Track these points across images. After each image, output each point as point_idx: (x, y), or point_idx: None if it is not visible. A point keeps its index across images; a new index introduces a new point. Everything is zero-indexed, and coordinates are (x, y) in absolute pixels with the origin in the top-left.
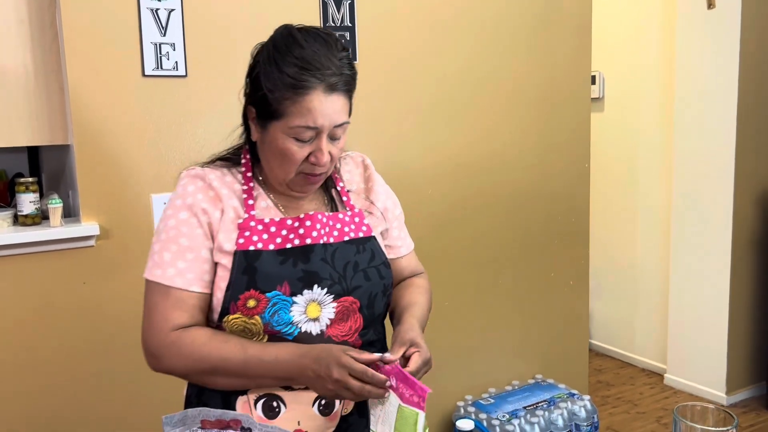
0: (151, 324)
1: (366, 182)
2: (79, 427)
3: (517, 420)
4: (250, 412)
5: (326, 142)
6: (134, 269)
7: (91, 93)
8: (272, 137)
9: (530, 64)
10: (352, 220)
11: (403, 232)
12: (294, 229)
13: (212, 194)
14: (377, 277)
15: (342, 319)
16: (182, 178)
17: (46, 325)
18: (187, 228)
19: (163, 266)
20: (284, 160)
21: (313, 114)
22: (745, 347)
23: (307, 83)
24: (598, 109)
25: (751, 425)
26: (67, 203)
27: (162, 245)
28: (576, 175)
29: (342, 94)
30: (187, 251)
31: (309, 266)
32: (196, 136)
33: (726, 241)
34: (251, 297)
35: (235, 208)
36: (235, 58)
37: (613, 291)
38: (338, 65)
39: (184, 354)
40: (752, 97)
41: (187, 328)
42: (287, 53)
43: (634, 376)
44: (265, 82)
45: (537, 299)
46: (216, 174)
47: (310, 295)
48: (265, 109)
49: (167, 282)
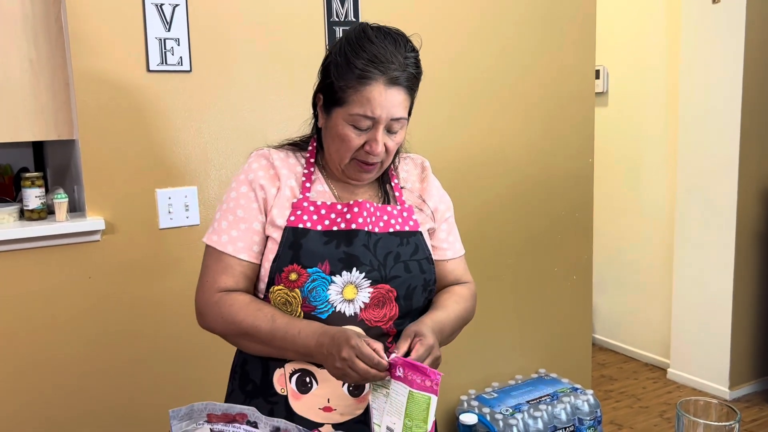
0: (202, 284)
1: (421, 182)
2: (85, 421)
3: (520, 414)
4: (285, 384)
5: (382, 134)
6: (140, 264)
7: (96, 88)
8: (334, 123)
9: (534, 59)
10: (400, 214)
11: (452, 236)
12: (342, 214)
13: (272, 173)
14: (418, 270)
15: (377, 305)
16: (251, 156)
17: (52, 319)
18: (245, 201)
19: (219, 233)
20: (341, 146)
21: (371, 104)
22: (749, 342)
23: (370, 74)
24: (602, 104)
25: (754, 420)
26: (72, 198)
27: (222, 214)
28: (580, 170)
29: (403, 90)
30: (241, 222)
31: (350, 249)
32: (201, 130)
33: (730, 236)
34: (293, 271)
35: (291, 187)
36: (239, 53)
37: (616, 285)
38: (403, 62)
39: (222, 315)
40: (757, 92)
41: (230, 292)
42: (358, 47)
43: (637, 370)
44: (334, 72)
45: (540, 294)
46: (280, 155)
47: (348, 277)
48: (330, 96)
49: (220, 247)
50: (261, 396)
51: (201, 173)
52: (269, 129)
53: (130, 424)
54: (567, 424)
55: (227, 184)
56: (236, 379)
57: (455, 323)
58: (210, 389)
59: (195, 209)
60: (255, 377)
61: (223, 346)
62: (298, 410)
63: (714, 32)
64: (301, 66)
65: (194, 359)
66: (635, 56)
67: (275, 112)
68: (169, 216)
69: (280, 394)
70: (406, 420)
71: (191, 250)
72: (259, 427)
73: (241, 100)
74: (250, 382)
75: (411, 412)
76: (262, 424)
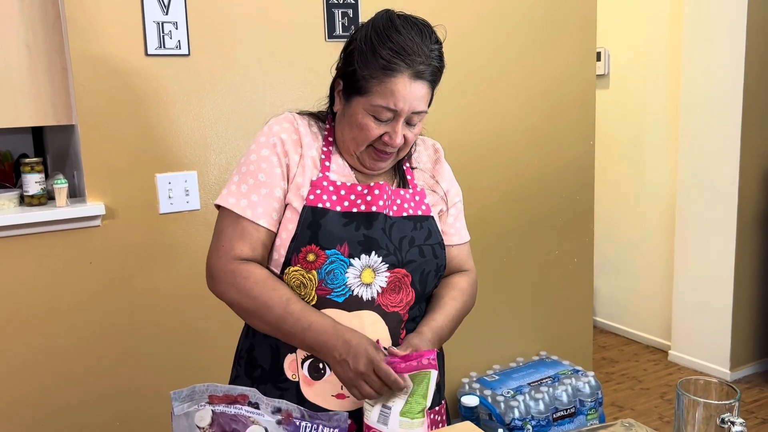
0: (217, 248)
1: (434, 164)
2: (87, 407)
3: (521, 396)
4: (297, 370)
5: (402, 126)
6: (140, 248)
7: (95, 73)
8: (353, 111)
9: (535, 41)
10: (412, 198)
11: (459, 222)
12: (362, 195)
13: (296, 138)
14: (431, 255)
15: (393, 290)
16: (271, 120)
17: (53, 304)
18: (267, 165)
19: (237, 196)
20: (359, 134)
21: (395, 96)
22: (750, 323)
23: (396, 66)
24: (604, 86)
25: (755, 400)
26: (72, 183)
27: (241, 177)
28: (581, 152)
29: (426, 84)
30: (262, 186)
31: (370, 232)
32: (200, 114)
33: (731, 218)
34: (311, 251)
35: (312, 158)
36: (237, 36)
37: (617, 268)
38: (428, 55)
39: (236, 285)
40: (759, 74)
41: (247, 262)
42: (384, 36)
43: (638, 352)
44: (358, 59)
45: (542, 276)
46: (304, 122)
47: (366, 260)
48: (352, 84)
49: (239, 211)
50: (270, 382)
51: (201, 158)
52: (269, 113)
53: (131, 408)
54: (568, 405)
55: (228, 168)
56: (241, 365)
57: (454, 324)
58: (212, 374)
59: (195, 194)
60: (264, 363)
61: (225, 331)
62: (310, 397)
63: (716, 14)
64: (301, 48)
65: (196, 344)
66: (637, 38)
67: (275, 95)
68: (170, 201)
69: (291, 380)
70: (408, 398)
71: (192, 235)
72: (261, 408)
73: (241, 84)
74: (258, 368)
75: (413, 390)
76: (264, 404)
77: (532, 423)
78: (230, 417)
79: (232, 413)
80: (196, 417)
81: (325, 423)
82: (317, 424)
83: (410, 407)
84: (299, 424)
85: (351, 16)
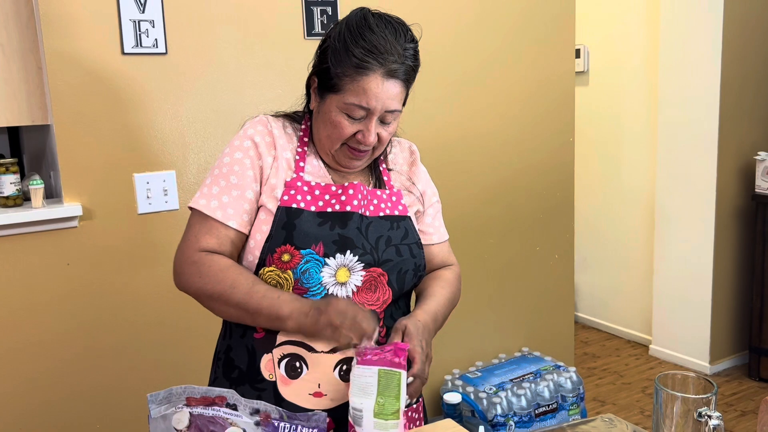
0: (183, 243)
1: (410, 166)
2: (63, 408)
3: (503, 392)
4: (274, 370)
5: (375, 124)
6: (118, 249)
7: (70, 72)
8: (327, 109)
9: (514, 38)
10: (389, 198)
11: (437, 221)
12: (336, 195)
13: (269, 140)
14: (409, 254)
15: (369, 289)
16: (246, 123)
17: (30, 307)
18: (240, 167)
19: (208, 197)
20: (333, 132)
21: (367, 95)
22: (728, 318)
23: (369, 65)
24: (583, 83)
25: (734, 393)
26: (48, 184)
27: (213, 179)
28: (560, 149)
29: (399, 83)
30: (233, 188)
31: (345, 232)
32: (178, 113)
33: (710, 213)
34: (286, 251)
35: (287, 160)
36: (215, 34)
37: (598, 264)
38: (402, 54)
39: (201, 273)
40: (736, 70)
41: (211, 253)
42: (357, 34)
43: (619, 347)
44: (332, 57)
45: (523, 273)
46: (278, 124)
47: (342, 259)
48: (326, 81)
49: (208, 212)
50: (247, 383)
51: (179, 157)
52: (247, 111)
53: (109, 410)
54: (550, 401)
55: (206, 168)
56: (219, 367)
57: (447, 309)
58: (191, 376)
59: (174, 194)
60: (240, 364)
61: (203, 332)
62: (288, 396)
63: (694, 10)
64: (279, 46)
65: (174, 345)
66: (616, 35)
67: (254, 93)
68: (148, 201)
69: (268, 380)
70: (378, 398)
71: (171, 235)
72: (239, 410)
73: (219, 82)
74: (236, 369)
75: (383, 390)
76: (242, 406)
77: (515, 419)
78: (208, 419)
79: (210, 415)
80: (173, 419)
81: (303, 423)
82: (296, 425)
83: (382, 408)
84: (278, 425)
85: (330, 14)
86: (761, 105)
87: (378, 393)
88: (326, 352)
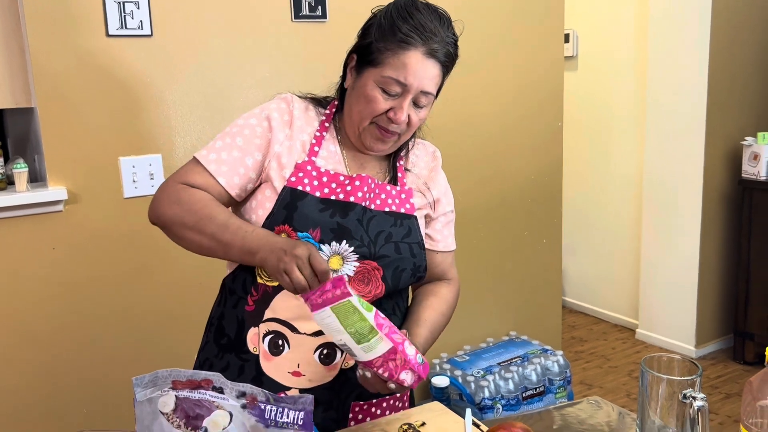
0: (168, 178)
1: (430, 171)
2: (49, 393)
3: (491, 376)
4: (258, 344)
5: (408, 105)
6: (104, 234)
7: (54, 54)
8: (363, 83)
9: (503, 23)
10: (398, 195)
11: (447, 230)
12: (343, 185)
13: (287, 119)
14: (408, 253)
15: (362, 281)
16: (274, 97)
17: (15, 292)
18: (249, 131)
19: (209, 149)
20: (366, 107)
21: (406, 70)
22: (714, 301)
23: (412, 41)
24: (572, 68)
25: (719, 376)
26: (33, 168)
27: (222, 135)
28: (549, 134)
29: (438, 65)
30: (235, 149)
31: (344, 221)
32: (164, 96)
33: (697, 198)
34: (284, 231)
35: (302, 141)
36: (201, 16)
37: (586, 248)
38: (444, 39)
39: (180, 201)
40: (724, 57)
41: (194, 188)
42: (405, 12)
43: (606, 331)
44: (376, 32)
45: (511, 257)
46: (301, 105)
47: (336, 247)
48: (366, 56)
49: (203, 161)
50: (234, 351)
51: (165, 141)
52: (234, 94)
53: (95, 395)
54: (537, 384)
55: (193, 151)
56: (212, 331)
57: (433, 336)
58: (179, 359)
59: (160, 177)
60: (230, 332)
61: (191, 316)
62: (268, 371)
63: None
64: (267, 29)
65: (161, 329)
66: (605, 20)
67: (241, 76)
68: (134, 185)
69: (252, 352)
70: (348, 329)
71: None
72: (225, 393)
73: (205, 65)
74: (225, 336)
75: (345, 321)
76: (228, 389)
77: (502, 402)
78: (194, 402)
79: (196, 398)
80: (159, 402)
81: (290, 406)
82: (282, 407)
83: (357, 334)
84: (264, 408)
85: None
86: (749, 91)
87: (344, 326)
88: (309, 334)
